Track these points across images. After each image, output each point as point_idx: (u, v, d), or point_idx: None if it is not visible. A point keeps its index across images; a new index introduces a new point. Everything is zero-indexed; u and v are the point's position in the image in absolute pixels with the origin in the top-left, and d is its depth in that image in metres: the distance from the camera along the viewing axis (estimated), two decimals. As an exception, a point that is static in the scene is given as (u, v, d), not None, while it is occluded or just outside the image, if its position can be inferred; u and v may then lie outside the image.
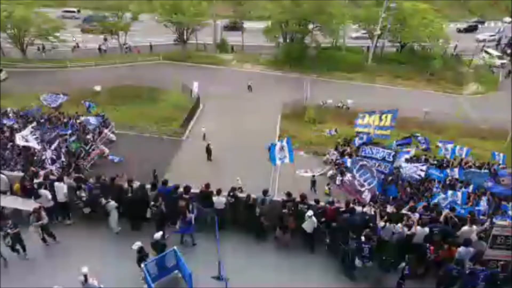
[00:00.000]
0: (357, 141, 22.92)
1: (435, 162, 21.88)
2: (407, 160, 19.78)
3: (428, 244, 10.39)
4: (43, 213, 10.78)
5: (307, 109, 33.02)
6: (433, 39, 45.26)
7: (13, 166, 18.19)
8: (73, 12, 53.11)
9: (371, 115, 20.16)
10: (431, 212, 11.84)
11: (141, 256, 9.81)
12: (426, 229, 10.65)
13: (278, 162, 13.10)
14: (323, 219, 11.37)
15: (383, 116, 19.57)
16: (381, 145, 17.34)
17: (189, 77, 36.35)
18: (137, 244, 9.79)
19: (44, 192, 11.64)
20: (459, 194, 15.61)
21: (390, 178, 19.33)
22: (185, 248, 11.15)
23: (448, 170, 18.95)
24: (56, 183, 11.81)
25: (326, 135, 26.46)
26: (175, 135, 28.53)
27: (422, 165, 17.51)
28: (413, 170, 17.30)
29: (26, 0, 40.92)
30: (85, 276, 9.04)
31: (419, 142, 22.90)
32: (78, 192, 11.86)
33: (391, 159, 13.94)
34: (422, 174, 17.21)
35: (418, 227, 10.70)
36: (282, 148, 12.99)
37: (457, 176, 18.36)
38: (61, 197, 11.79)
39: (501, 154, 21.31)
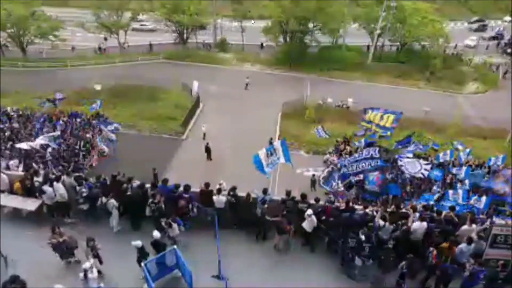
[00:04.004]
0: (357, 144, 23.04)
1: (435, 161, 21.85)
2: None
3: (431, 248, 10.24)
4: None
5: (307, 109, 33.00)
6: (433, 38, 45.26)
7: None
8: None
9: (373, 110, 20.03)
10: (431, 211, 11.86)
11: (141, 255, 9.82)
12: (424, 224, 10.64)
13: (267, 169, 12.28)
14: (323, 218, 11.38)
15: (385, 116, 19.48)
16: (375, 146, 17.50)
17: (189, 76, 36.36)
18: (137, 243, 9.81)
19: (48, 189, 11.71)
20: (460, 192, 15.63)
21: (390, 176, 19.35)
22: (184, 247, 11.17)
23: (454, 169, 18.89)
24: (54, 183, 11.81)
25: (315, 135, 26.02)
26: (175, 134, 28.56)
27: (427, 164, 17.35)
28: (417, 169, 17.13)
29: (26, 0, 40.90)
30: (85, 271, 9.03)
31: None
32: (78, 188, 11.88)
33: (377, 154, 14.04)
34: (426, 173, 17.11)
35: (416, 223, 10.69)
36: (272, 153, 12.39)
37: (463, 175, 18.32)
38: (59, 197, 11.80)
39: (500, 156, 21.28)
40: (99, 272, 9.90)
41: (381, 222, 10.74)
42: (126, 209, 11.95)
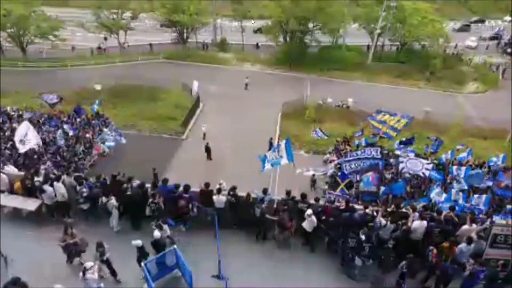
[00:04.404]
0: (356, 142, 23.09)
1: (435, 161, 21.85)
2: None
3: (431, 247, 10.29)
4: (106, 247, 9.89)
5: (307, 108, 33.00)
6: (433, 38, 45.25)
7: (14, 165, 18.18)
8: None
9: (392, 115, 21.05)
10: (431, 211, 11.86)
11: (141, 254, 9.82)
12: (424, 223, 10.66)
13: (268, 166, 12.79)
14: (323, 218, 11.37)
15: (402, 120, 20.49)
16: (376, 146, 17.64)
17: (189, 76, 36.36)
18: (137, 242, 9.81)
19: (48, 188, 11.73)
20: (460, 193, 15.65)
21: (390, 176, 19.36)
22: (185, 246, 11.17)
23: (455, 168, 18.95)
24: (55, 183, 11.82)
25: (313, 137, 25.87)
26: (175, 134, 28.55)
27: (428, 164, 17.36)
28: (418, 168, 17.14)
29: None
30: (85, 270, 9.03)
31: (431, 141, 22.85)
32: (79, 188, 11.89)
33: (379, 155, 14.14)
34: (427, 173, 17.11)
35: (416, 222, 10.70)
36: (275, 150, 12.73)
37: (462, 175, 18.37)
38: (59, 197, 11.81)
39: (500, 155, 21.26)
40: (101, 277, 9.87)
41: (383, 221, 10.72)
42: (126, 209, 11.96)
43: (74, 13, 50.43)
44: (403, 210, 11.74)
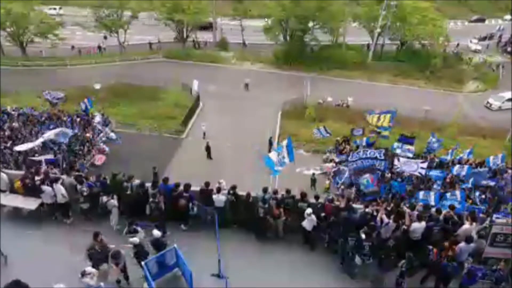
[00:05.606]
0: (357, 142, 23.11)
1: (436, 161, 21.85)
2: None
3: (431, 247, 10.30)
4: (122, 253, 9.59)
5: (307, 107, 32.99)
6: (434, 37, 45.22)
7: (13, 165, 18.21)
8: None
9: (370, 113, 20.77)
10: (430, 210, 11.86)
11: (139, 251, 9.81)
12: (423, 223, 10.67)
13: (278, 167, 13.06)
14: (323, 214, 11.39)
15: (382, 116, 20.51)
16: (375, 147, 17.73)
17: (189, 75, 36.32)
18: (134, 239, 9.81)
19: (47, 188, 11.71)
20: (457, 193, 15.64)
21: (390, 175, 19.38)
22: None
23: (456, 167, 18.94)
24: (54, 185, 11.76)
25: (315, 136, 25.72)
26: (175, 133, 28.55)
27: (422, 162, 17.41)
28: (413, 168, 17.18)
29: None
30: (82, 273, 9.04)
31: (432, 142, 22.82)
32: (79, 187, 11.87)
33: (382, 156, 14.22)
34: (423, 172, 17.15)
35: (415, 223, 10.71)
36: (280, 153, 12.92)
37: (464, 173, 18.38)
38: (60, 198, 11.80)
39: (499, 155, 21.26)
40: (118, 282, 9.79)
41: (386, 219, 10.72)
42: (126, 208, 11.96)
43: (74, 12, 50.38)
44: (403, 209, 11.75)
